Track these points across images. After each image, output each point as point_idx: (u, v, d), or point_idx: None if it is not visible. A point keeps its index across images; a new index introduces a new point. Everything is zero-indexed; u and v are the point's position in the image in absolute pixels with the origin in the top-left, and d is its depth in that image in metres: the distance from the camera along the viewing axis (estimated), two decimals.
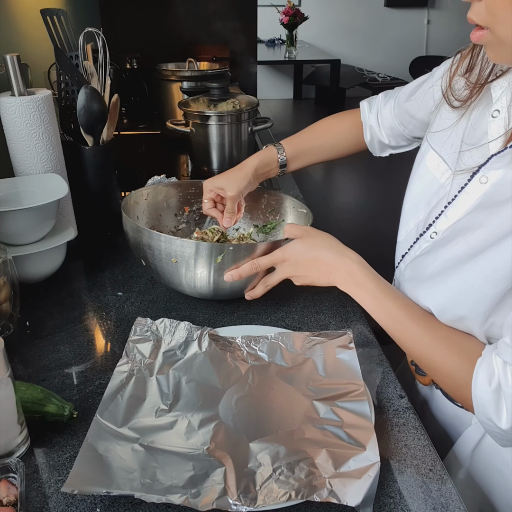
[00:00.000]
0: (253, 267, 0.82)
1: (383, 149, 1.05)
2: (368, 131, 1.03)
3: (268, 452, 0.63)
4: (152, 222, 1.04)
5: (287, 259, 0.80)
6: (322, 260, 0.77)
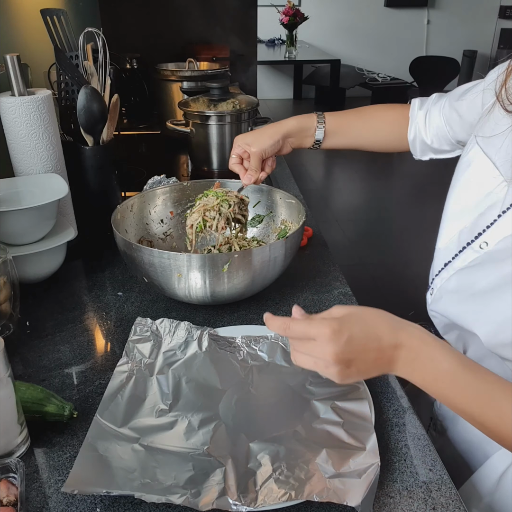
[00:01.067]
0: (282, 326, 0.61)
1: (424, 151, 0.99)
2: (413, 129, 0.97)
3: (268, 452, 0.63)
4: (140, 233, 1.03)
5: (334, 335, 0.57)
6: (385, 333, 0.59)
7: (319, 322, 0.59)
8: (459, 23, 6.88)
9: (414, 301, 0.71)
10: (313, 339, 0.58)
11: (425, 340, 0.59)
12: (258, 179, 0.94)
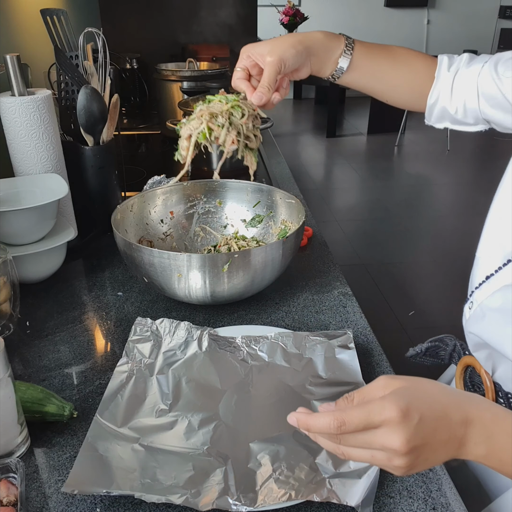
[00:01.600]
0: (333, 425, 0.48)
1: (441, 119, 0.83)
2: (435, 92, 0.80)
3: (268, 452, 0.63)
4: (140, 233, 1.03)
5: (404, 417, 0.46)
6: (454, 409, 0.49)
7: (379, 405, 0.47)
8: (459, 23, 6.88)
9: (414, 301, 0.70)
10: (377, 427, 0.47)
11: (497, 413, 0.50)
12: (270, 100, 0.76)
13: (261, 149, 1.78)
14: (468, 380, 0.76)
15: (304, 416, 0.49)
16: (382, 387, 0.50)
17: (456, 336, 0.81)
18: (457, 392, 0.52)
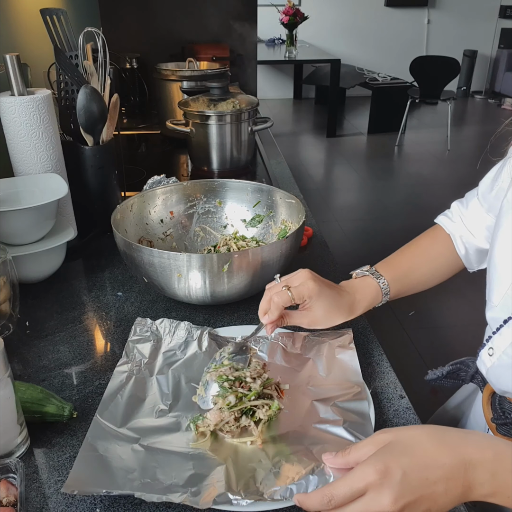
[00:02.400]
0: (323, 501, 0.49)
1: (481, 258, 0.87)
2: (459, 242, 0.86)
3: (268, 451, 0.63)
4: (140, 233, 1.03)
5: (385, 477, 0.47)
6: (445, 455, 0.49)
7: (360, 470, 0.48)
8: (459, 23, 6.88)
9: (414, 301, 0.69)
10: (364, 494, 0.47)
11: (499, 450, 0.49)
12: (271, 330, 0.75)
13: (261, 149, 1.78)
14: (498, 407, 0.74)
15: (301, 497, 0.51)
16: (372, 443, 0.51)
17: (461, 351, 0.79)
18: (450, 434, 0.51)
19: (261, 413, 0.66)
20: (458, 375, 0.82)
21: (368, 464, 0.48)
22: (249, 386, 0.67)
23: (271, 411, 0.66)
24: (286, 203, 1.03)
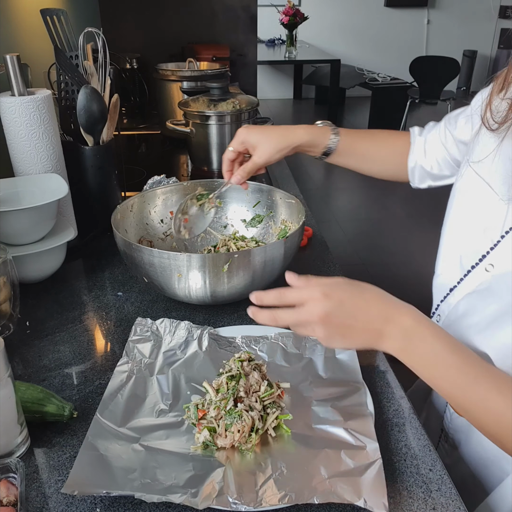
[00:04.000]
0: (276, 297, 0.62)
1: (423, 179, 0.97)
2: (413, 156, 0.96)
3: (268, 452, 0.63)
4: (140, 233, 1.03)
5: (326, 298, 0.59)
6: (377, 306, 0.60)
7: (310, 288, 0.61)
8: (459, 23, 6.88)
9: (414, 300, 0.70)
10: (304, 304, 0.60)
11: (419, 320, 0.59)
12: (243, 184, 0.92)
13: None
14: None
15: (259, 294, 0.63)
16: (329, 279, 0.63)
17: None
18: (390, 297, 0.61)
19: (271, 430, 0.66)
20: None
21: (317, 286, 0.61)
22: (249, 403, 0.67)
23: (279, 420, 0.67)
24: (286, 203, 1.03)
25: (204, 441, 0.63)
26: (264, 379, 0.70)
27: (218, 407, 0.66)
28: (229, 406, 0.65)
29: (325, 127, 0.94)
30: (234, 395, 0.66)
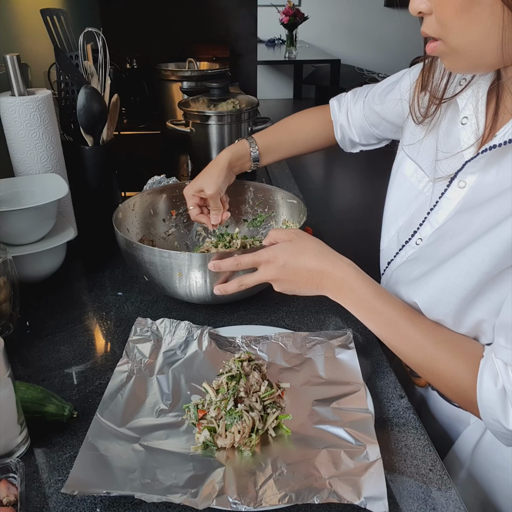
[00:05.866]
0: (233, 263, 0.76)
1: (353, 146, 1.07)
2: (339, 130, 1.05)
3: (268, 452, 0.63)
4: (142, 232, 1.03)
5: (273, 261, 0.73)
6: (313, 264, 0.72)
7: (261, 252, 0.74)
8: None
9: None
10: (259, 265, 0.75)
11: (348, 272, 0.71)
12: (222, 218, 0.99)
13: None
14: None
15: (216, 261, 0.78)
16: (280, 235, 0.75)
17: None
18: (328, 252, 0.73)
19: (271, 430, 0.66)
20: None
21: (268, 250, 0.74)
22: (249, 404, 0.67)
23: (279, 420, 0.67)
24: (288, 203, 1.03)
25: (204, 441, 0.64)
26: (264, 379, 0.70)
27: (219, 407, 0.66)
28: (229, 406, 0.65)
29: (240, 141, 1.03)
30: (234, 395, 0.66)
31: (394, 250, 0.83)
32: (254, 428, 0.64)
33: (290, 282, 0.74)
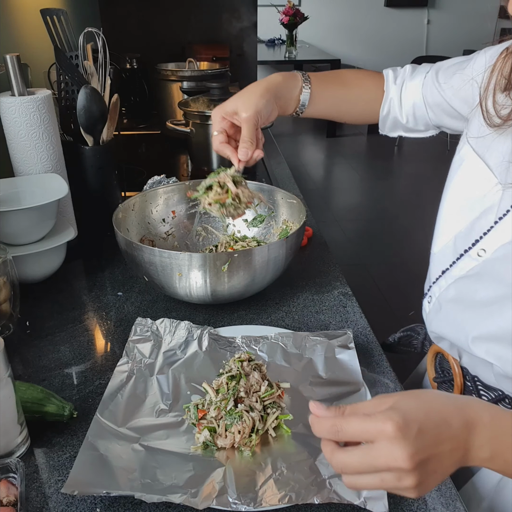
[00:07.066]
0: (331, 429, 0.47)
1: (394, 128, 0.91)
2: (387, 104, 0.88)
3: (268, 452, 0.63)
4: (142, 232, 1.03)
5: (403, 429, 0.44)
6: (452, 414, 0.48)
7: (377, 417, 0.46)
8: (459, 23, 6.87)
9: (414, 301, 0.70)
10: (372, 441, 0.45)
11: (495, 413, 0.50)
12: (252, 157, 0.77)
13: None
14: (438, 366, 0.81)
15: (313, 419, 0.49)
16: (377, 405, 0.48)
17: None
18: (453, 397, 0.51)
19: (271, 430, 0.66)
20: (410, 343, 0.89)
21: (385, 414, 0.45)
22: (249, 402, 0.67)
23: (279, 420, 0.67)
24: (288, 203, 1.03)
25: (204, 441, 0.64)
26: (265, 379, 0.70)
27: (219, 407, 0.66)
28: (230, 406, 0.65)
29: (292, 72, 0.84)
30: (234, 396, 0.66)
31: (449, 258, 0.72)
32: (254, 428, 0.64)
33: (433, 462, 0.46)
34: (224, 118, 0.78)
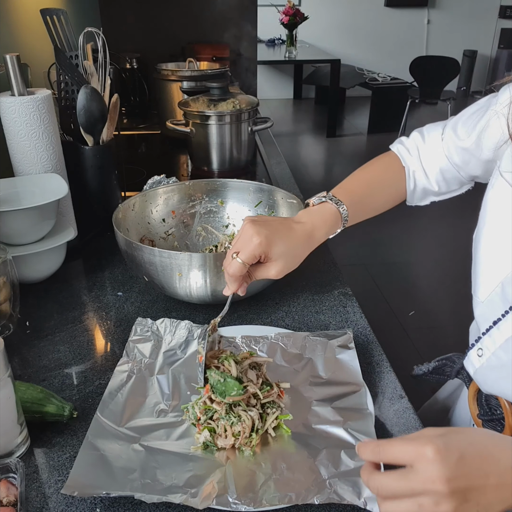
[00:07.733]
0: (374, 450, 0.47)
1: (424, 197, 0.89)
2: (411, 178, 0.85)
3: (268, 452, 0.63)
4: (142, 232, 1.03)
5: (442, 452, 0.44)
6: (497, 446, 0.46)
7: (416, 440, 0.45)
8: (459, 23, 6.88)
9: (414, 301, 0.69)
10: (411, 464, 0.44)
11: None
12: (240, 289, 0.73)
13: (261, 149, 1.78)
14: (485, 403, 0.74)
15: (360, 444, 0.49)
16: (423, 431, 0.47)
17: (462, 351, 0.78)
18: (500, 435, 0.49)
19: (271, 430, 0.66)
20: (444, 370, 0.82)
21: (427, 438, 0.45)
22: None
23: (279, 420, 0.67)
24: (288, 203, 1.03)
25: (204, 441, 0.64)
26: (260, 377, 0.70)
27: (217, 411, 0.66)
28: (225, 409, 0.65)
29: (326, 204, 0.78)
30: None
31: (499, 307, 0.65)
32: (254, 427, 0.64)
33: (475, 493, 0.44)
34: (262, 253, 0.69)
